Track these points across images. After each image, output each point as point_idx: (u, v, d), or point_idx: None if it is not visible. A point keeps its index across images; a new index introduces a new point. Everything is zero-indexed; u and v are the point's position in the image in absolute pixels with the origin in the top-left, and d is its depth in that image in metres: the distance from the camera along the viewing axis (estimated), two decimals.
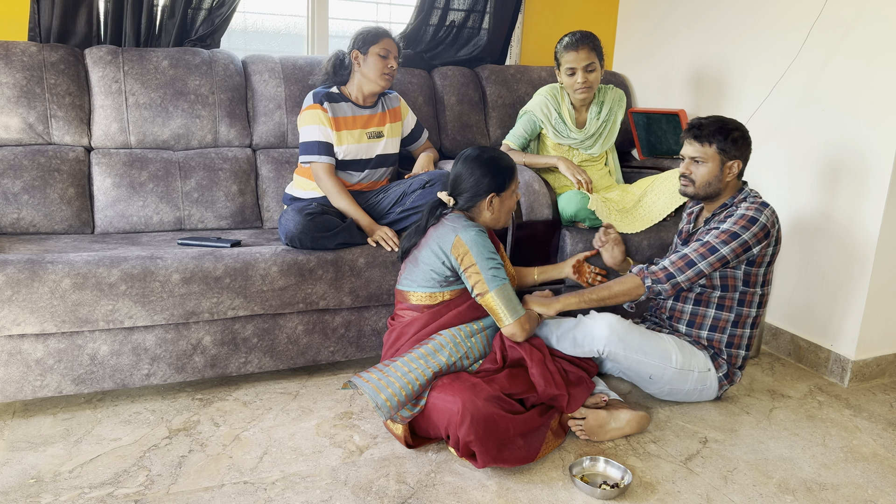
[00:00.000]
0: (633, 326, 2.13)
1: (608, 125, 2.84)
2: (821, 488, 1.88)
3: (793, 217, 2.69)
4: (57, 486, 1.74)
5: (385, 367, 1.95)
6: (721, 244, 2.07)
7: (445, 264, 2.01)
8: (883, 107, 2.36)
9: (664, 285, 2.09)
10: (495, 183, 2.05)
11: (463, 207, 2.08)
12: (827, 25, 2.52)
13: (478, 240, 1.98)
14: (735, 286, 2.16)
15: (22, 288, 1.93)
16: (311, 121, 2.46)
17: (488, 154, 2.07)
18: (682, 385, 2.17)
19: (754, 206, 2.12)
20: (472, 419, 1.80)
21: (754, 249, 2.09)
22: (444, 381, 1.92)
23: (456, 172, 2.08)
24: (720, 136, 2.12)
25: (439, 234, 2.02)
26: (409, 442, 1.96)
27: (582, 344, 2.10)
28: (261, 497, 1.73)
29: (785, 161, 2.72)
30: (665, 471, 1.92)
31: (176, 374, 2.18)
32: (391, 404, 1.86)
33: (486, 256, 1.98)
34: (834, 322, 2.58)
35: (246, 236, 2.53)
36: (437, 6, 3.17)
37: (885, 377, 2.61)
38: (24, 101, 2.50)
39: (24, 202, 2.44)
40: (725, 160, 2.13)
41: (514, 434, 1.86)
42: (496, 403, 1.87)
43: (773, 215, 2.13)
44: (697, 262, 2.07)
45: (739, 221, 2.08)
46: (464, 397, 1.83)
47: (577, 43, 2.65)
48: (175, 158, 2.67)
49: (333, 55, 2.55)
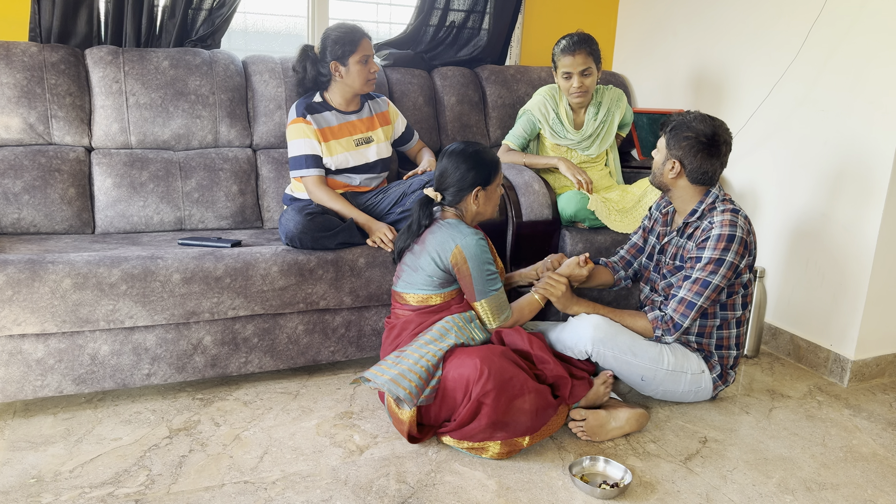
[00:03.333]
0: (621, 328, 2.13)
1: (605, 126, 2.84)
2: (820, 488, 1.88)
3: (792, 217, 2.70)
4: (57, 486, 1.74)
5: (396, 358, 1.96)
6: (711, 275, 2.05)
7: (442, 269, 2.03)
8: (883, 107, 2.36)
9: (671, 336, 2.12)
10: (480, 176, 2.05)
11: (450, 203, 2.09)
12: (826, 25, 2.52)
13: (476, 251, 2.00)
14: (716, 299, 2.15)
15: (22, 288, 1.93)
16: (296, 135, 2.45)
17: (472, 148, 2.07)
18: (675, 387, 2.17)
19: (727, 220, 2.06)
20: (490, 371, 1.86)
21: (741, 266, 2.09)
22: (453, 352, 1.96)
23: (441, 168, 2.09)
24: (671, 131, 2.09)
25: (438, 240, 2.02)
26: (414, 433, 1.95)
27: (572, 346, 2.12)
28: (261, 497, 1.73)
29: (784, 161, 2.72)
30: (665, 470, 1.92)
31: (176, 374, 2.18)
32: (412, 393, 1.87)
33: (483, 268, 2.02)
34: (834, 322, 2.58)
35: (246, 236, 2.53)
36: (437, 6, 3.17)
37: (885, 377, 2.61)
38: (24, 101, 2.50)
39: (25, 202, 2.44)
40: (669, 156, 2.10)
41: (526, 399, 1.90)
42: (511, 361, 1.93)
43: (747, 222, 2.10)
44: (696, 301, 2.07)
45: (718, 245, 2.04)
46: (481, 355, 1.90)
47: (573, 47, 2.65)
48: (175, 158, 2.67)
49: (304, 56, 2.47)
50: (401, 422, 1.96)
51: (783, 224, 2.73)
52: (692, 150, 2.06)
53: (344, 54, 2.42)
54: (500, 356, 1.92)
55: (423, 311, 2.07)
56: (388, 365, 1.94)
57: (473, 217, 2.12)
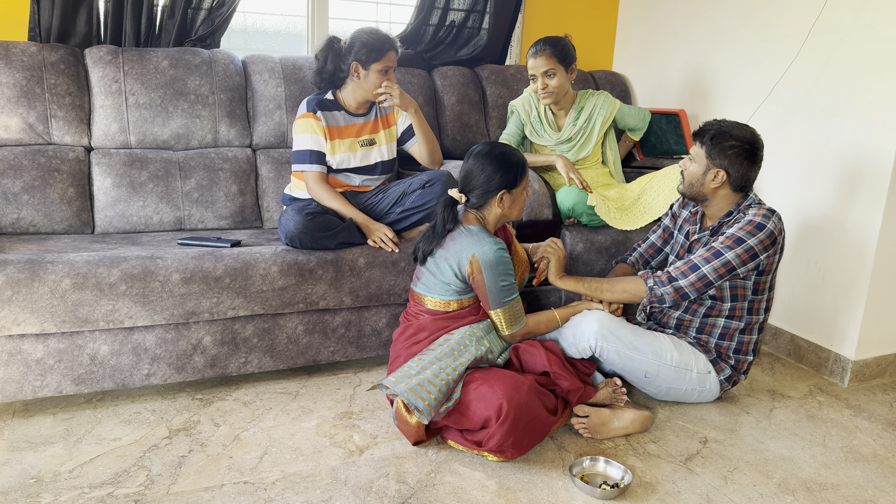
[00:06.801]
0: (623, 322, 2.13)
1: (585, 133, 2.83)
2: (821, 488, 1.88)
3: (793, 217, 2.69)
4: (57, 486, 1.74)
5: (415, 366, 1.94)
6: (726, 249, 2.03)
7: (460, 278, 2.03)
8: (883, 107, 2.36)
9: (666, 288, 2.07)
10: (507, 179, 2.03)
11: (474, 205, 2.07)
12: (827, 26, 2.52)
13: (493, 261, 1.98)
14: (745, 296, 2.14)
15: (22, 288, 1.93)
16: (304, 129, 2.45)
17: (499, 150, 2.05)
18: (679, 384, 2.17)
19: (761, 212, 2.07)
20: (514, 416, 1.83)
21: (761, 257, 2.05)
22: (477, 374, 1.94)
23: (467, 169, 2.06)
24: (713, 140, 2.07)
25: (457, 248, 2.01)
26: (422, 436, 1.95)
27: (576, 342, 2.11)
28: (261, 497, 1.73)
29: (785, 161, 2.72)
30: (665, 471, 1.92)
31: (176, 374, 2.18)
32: (430, 405, 1.86)
33: (499, 278, 2.00)
34: (834, 322, 2.58)
35: (246, 236, 2.53)
36: (437, 6, 3.17)
37: (885, 377, 2.61)
38: (24, 101, 2.50)
39: (24, 202, 2.44)
40: (711, 166, 2.08)
41: (540, 435, 1.93)
42: (537, 397, 1.92)
43: (780, 222, 2.09)
44: (702, 266, 2.05)
45: (746, 227, 2.04)
46: (506, 391, 1.86)
47: (536, 50, 2.69)
48: (175, 158, 2.67)
49: (329, 46, 2.48)
50: (408, 425, 1.95)
51: (785, 224, 2.73)
52: (738, 158, 2.05)
53: (368, 59, 2.42)
54: (526, 393, 1.88)
55: (441, 318, 2.06)
56: (407, 373, 1.92)
57: (498, 219, 2.09)
